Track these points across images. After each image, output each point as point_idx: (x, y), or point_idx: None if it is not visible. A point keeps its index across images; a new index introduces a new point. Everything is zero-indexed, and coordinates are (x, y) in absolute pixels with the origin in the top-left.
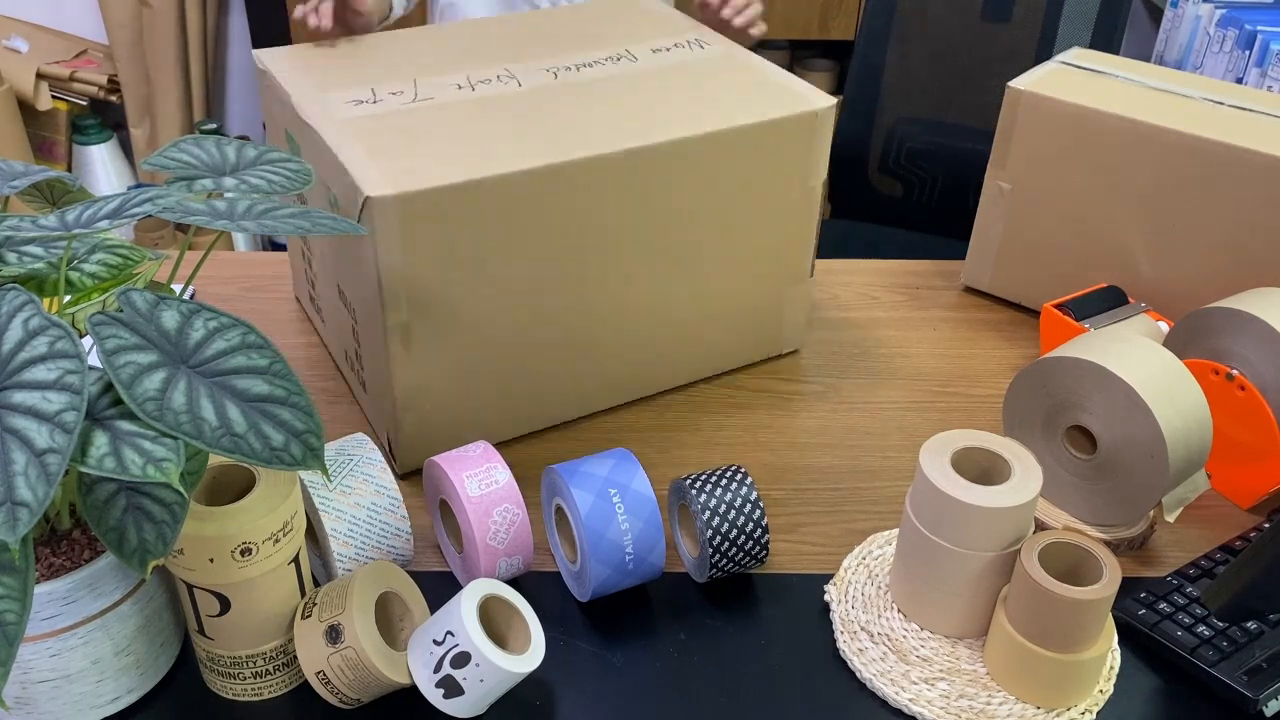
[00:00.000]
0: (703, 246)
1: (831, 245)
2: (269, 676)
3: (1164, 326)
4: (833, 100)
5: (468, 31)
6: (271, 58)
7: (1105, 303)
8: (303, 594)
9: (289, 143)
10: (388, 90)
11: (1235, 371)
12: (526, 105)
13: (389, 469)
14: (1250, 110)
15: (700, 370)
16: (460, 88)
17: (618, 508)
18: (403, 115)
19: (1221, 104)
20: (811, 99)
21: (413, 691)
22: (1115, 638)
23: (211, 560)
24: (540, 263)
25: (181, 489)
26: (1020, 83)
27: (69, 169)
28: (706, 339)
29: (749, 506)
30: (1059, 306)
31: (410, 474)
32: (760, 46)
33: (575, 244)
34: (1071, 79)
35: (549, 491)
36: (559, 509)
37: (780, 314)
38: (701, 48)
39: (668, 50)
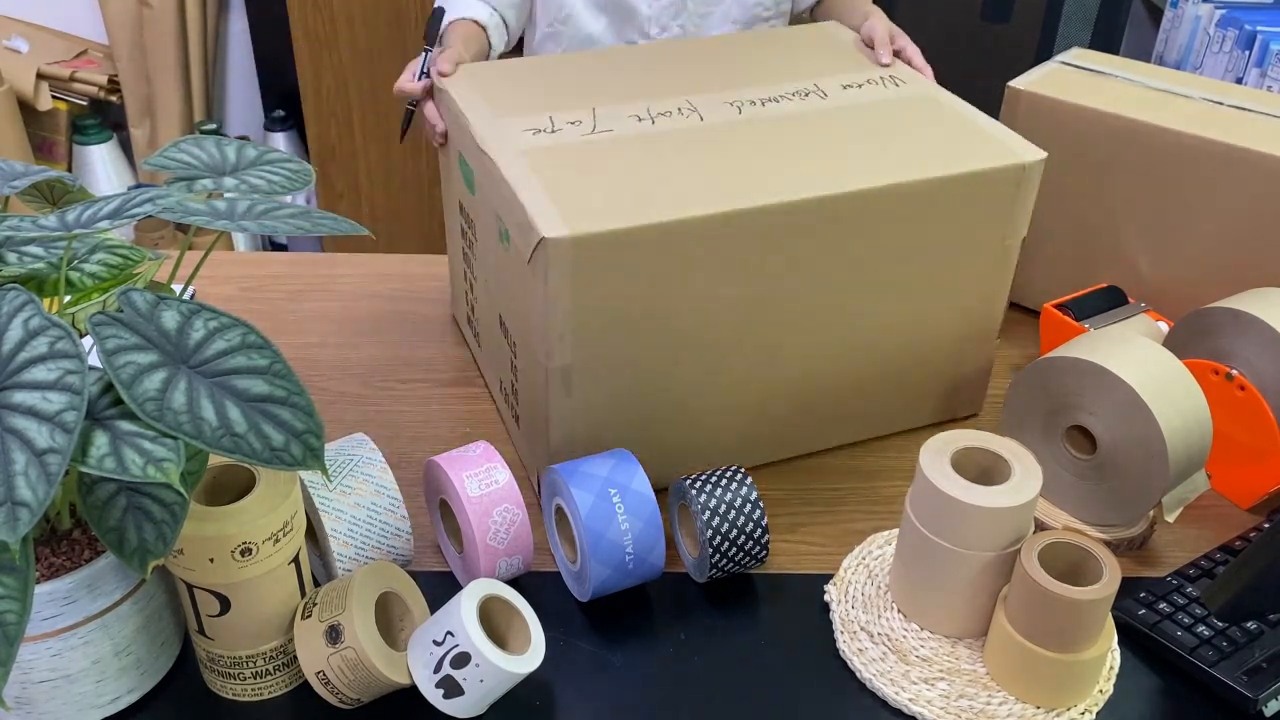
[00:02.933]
0: (886, 300)
1: None
2: (269, 676)
3: (1164, 326)
4: (1042, 154)
5: (644, 57)
6: (455, 84)
7: (1105, 303)
8: (303, 594)
9: (460, 166)
10: (566, 119)
11: (1235, 372)
12: (708, 142)
13: (389, 469)
14: (1250, 110)
15: (870, 430)
16: (640, 120)
17: (618, 508)
18: (581, 148)
19: (1221, 104)
20: (1019, 151)
21: (413, 691)
22: (1115, 638)
23: (211, 560)
24: (712, 311)
25: (182, 489)
26: (1020, 83)
27: (69, 169)
28: (881, 399)
29: (749, 506)
30: (1059, 306)
31: (410, 484)
32: None
33: (751, 293)
34: (1071, 79)
35: (549, 491)
36: (559, 509)
37: (959, 375)
38: (896, 85)
39: (859, 87)
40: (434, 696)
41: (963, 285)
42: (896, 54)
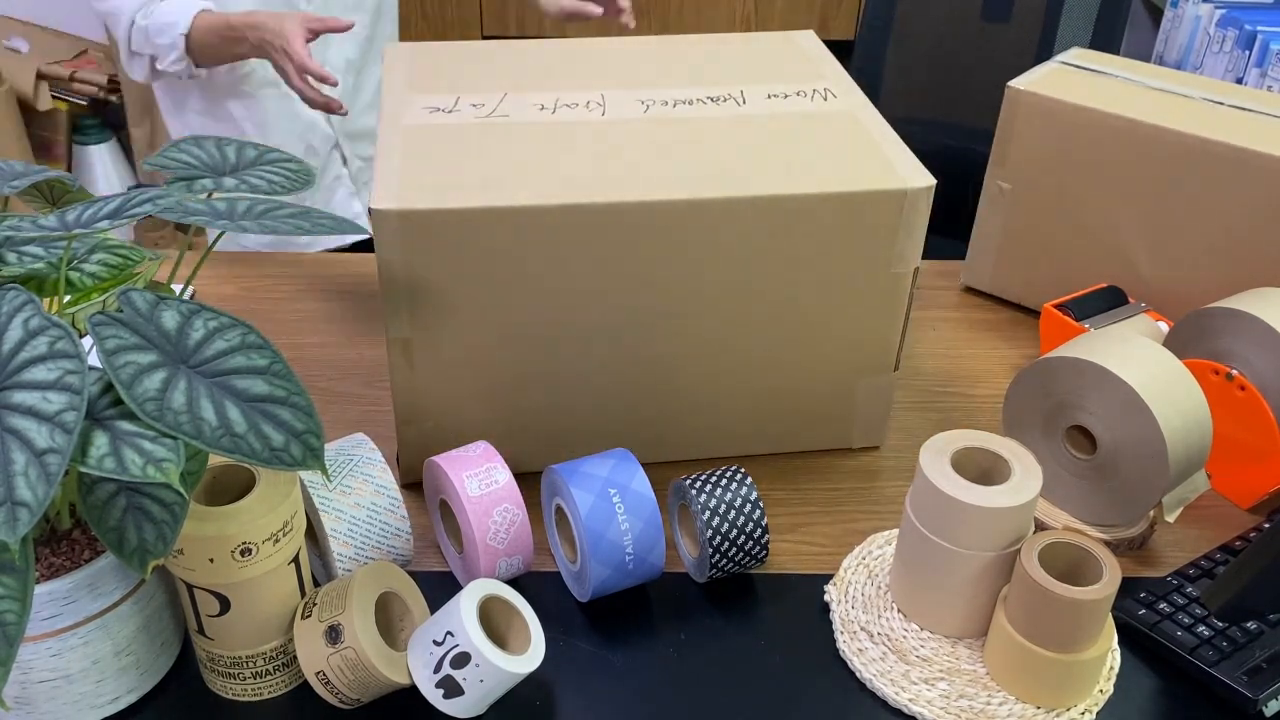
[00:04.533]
0: (763, 315)
1: None
2: (269, 676)
3: (1164, 326)
4: (930, 181)
5: (586, 51)
6: (396, 53)
7: (1105, 303)
8: (303, 594)
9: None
10: (470, 101)
11: (1235, 372)
12: (597, 137)
13: (389, 469)
14: (1250, 110)
15: (747, 447)
16: (542, 108)
17: (618, 508)
18: (464, 129)
19: (1221, 104)
20: (907, 176)
21: (412, 691)
22: (1115, 638)
23: (211, 560)
24: (562, 302)
25: (181, 489)
26: (1020, 83)
27: (69, 169)
28: (756, 416)
29: (749, 506)
30: (1059, 307)
31: (412, 485)
32: None
33: (603, 289)
34: (1071, 79)
35: (549, 491)
36: (559, 509)
37: (853, 405)
38: (824, 99)
39: (785, 97)
40: (434, 696)
41: (849, 312)
42: None
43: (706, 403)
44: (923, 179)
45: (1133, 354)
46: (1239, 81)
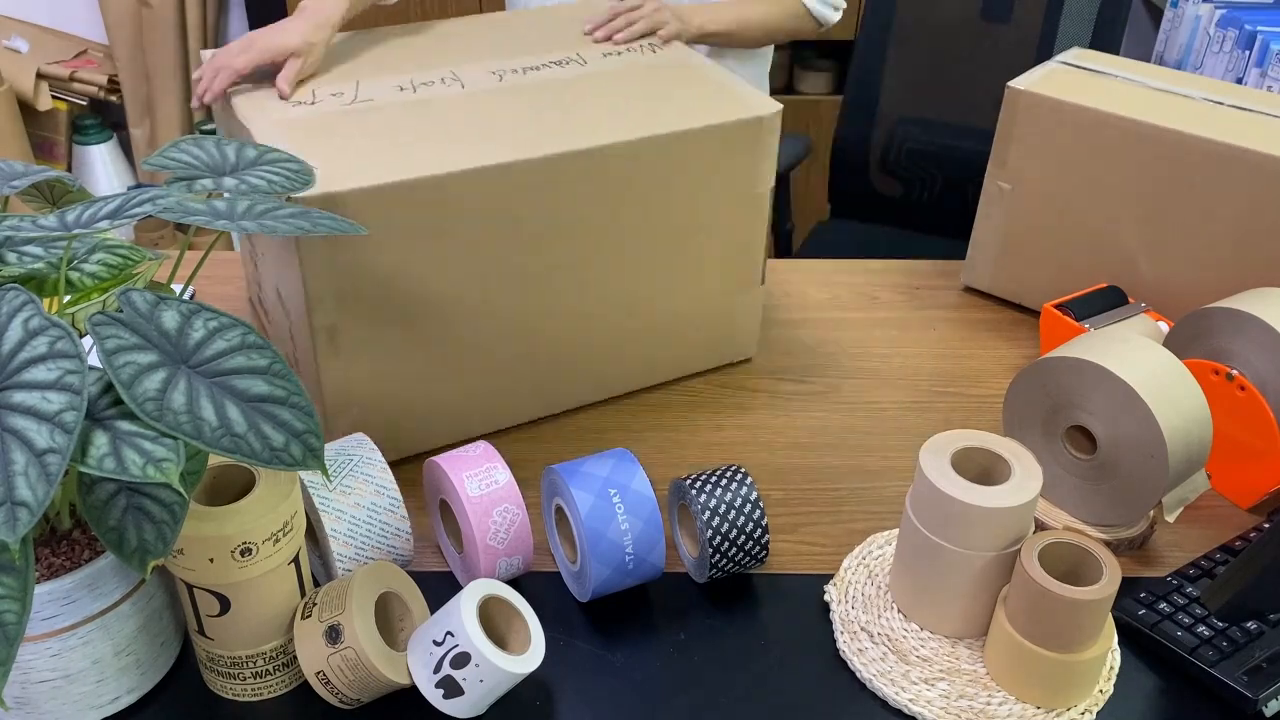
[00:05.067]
0: (646, 252)
1: (831, 245)
2: (269, 676)
3: (1164, 326)
4: (777, 107)
5: (421, 34)
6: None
7: (1105, 303)
8: (303, 594)
9: None
10: (328, 92)
11: (1235, 372)
12: (466, 108)
13: (389, 469)
14: (1250, 110)
15: (653, 375)
16: (402, 89)
17: (618, 508)
18: (338, 117)
19: (1221, 104)
20: (755, 105)
21: (412, 691)
22: (1115, 638)
23: (211, 560)
24: (476, 266)
25: (181, 489)
26: (1020, 83)
27: (69, 169)
28: (656, 344)
29: (749, 506)
30: (1059, 307)
31: (411, 484)
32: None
33: (512, 248)
34: (1071, 79)
35: (549, 491)
36: (559, 509)
37: (731, 321)
38: (654, 51)
39: (619, 55)
40: (434, 697)
41: (720, 234)
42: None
43: (600, 343)
44: (770, 106)
45: (1133, 354)
46: (1239, 81)
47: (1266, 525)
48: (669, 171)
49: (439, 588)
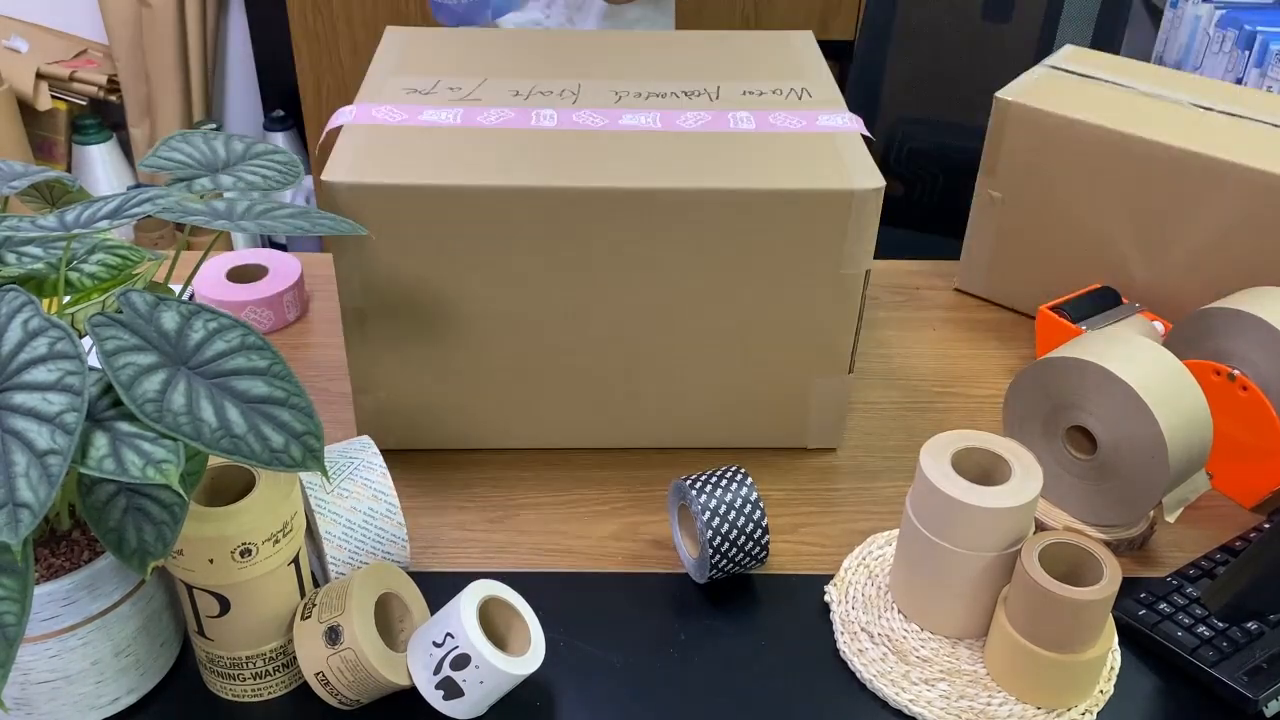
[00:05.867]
0: (705, 311)
1: None
2: (268, 677)
3: (1159, 326)
4: (879, 183)
5: (583, 40)
6: (394, 35)
7: (1100, 303)
8: (302, 595)
9: None
10: (449, 84)
11: (1237, 372)
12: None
13: (389, 474)
14: (1237, 116)
15: (700, 439)
16: (516, 94)
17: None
18: (436, 110)
19: (1210, 109)
20: (856, 177)
21: (412, 692)
22: (1115, 638)
23: (211, 561)
24: (515, 285)
25: (181, 490)
26: (1007, 93)
27: (69, 169)
28: (709, 409)
29: (749, 506)
30: (1054, 308)
31: (411, 484)
32: None
33: (557, 274)
34: (1059, 85)
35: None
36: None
37: (804, 404)
38: (800, 98)
39: (759, 95)
40: (434, 698)
41: (800, 311)
42: None
43: (658, 393)
44: (871, 180)
45: (1133, 354)
46: (1238, 81)
47: (1266, 525)
48: (747, 230)
49: (439, 588)
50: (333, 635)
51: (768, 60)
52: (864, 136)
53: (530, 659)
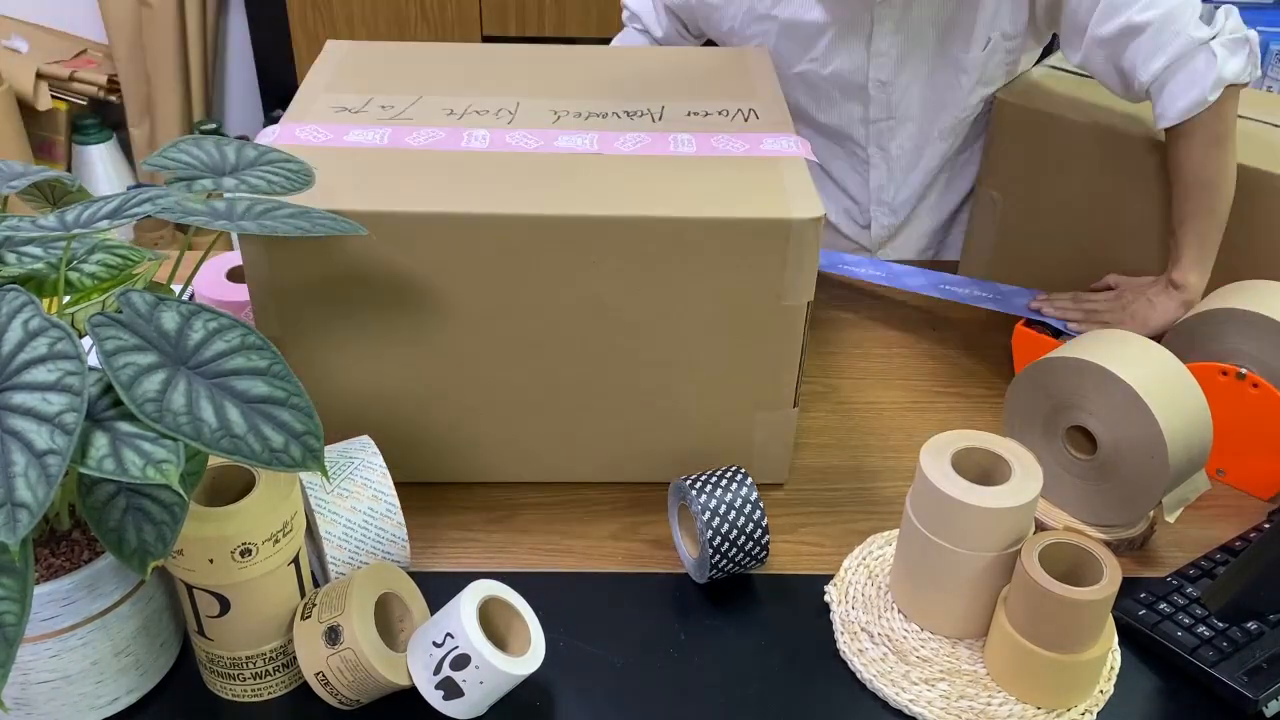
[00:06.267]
0: (640, 342)
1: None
2: (268, 677)
3: None
4: (816, 213)
5: (530, 56)
6: (333, 49)
7: None
8: (302, 595)
9: None
10: (382, 103)
11: (1245, 370)
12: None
13: (389, 474)
14: (1237, 116)
15: (642, 474)
16: (450, 113)
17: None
18: (364, 129)
19: None
20: (794, 206)
21: (412, 692)
22: (1115, 638)
23: (211, 561)
24: (439, 314)
25: (181, 490)
26: (1007, 93)
27: (69, 169)
28: (649, 443)
29: (749, 506)
30: (1029, 324)
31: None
32: None
33: (484, 304)
34: (1057, 86)
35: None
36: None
37: (748, 439)
38: (745, 119)
39: (704, 115)
40: (434, 698)
41: (741, 344)
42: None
43: (599, 426)
44: (811, 209)
45: (1133, 354)
46: None
47: (1267, 525)
48: (682, 259)
49: (439, 588)
50: (333, 635)
51: (718, 79)
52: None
53: (530, 659)
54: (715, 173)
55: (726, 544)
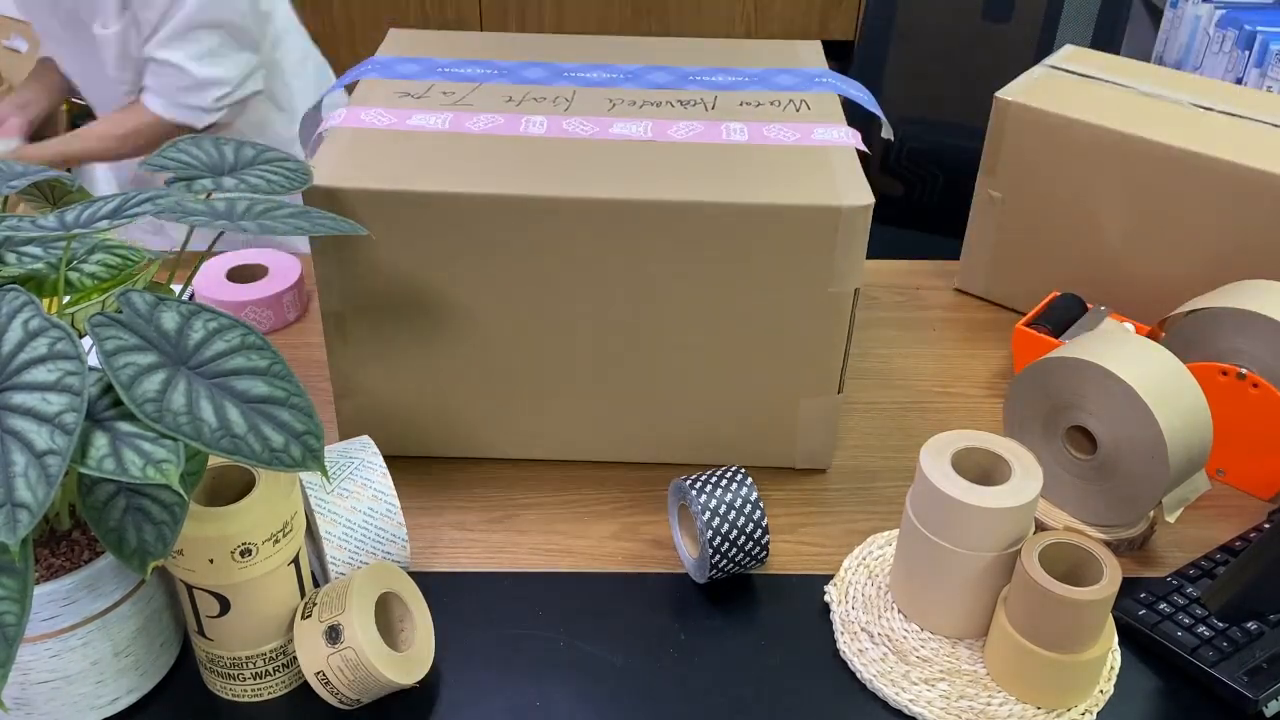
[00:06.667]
0: (688, 325)
1: None
2: (269, 677)
3: (1130, 327)
4: (868, 200)
5: (586, 45)
6: (397, 37)
7: (1069, 311)
8: (302, 594)
9: None
10: (442, 89)
11: (1245, 370)
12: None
13: (389, 474)
14: (1237, 116)
15: (686, 456)
16: (509, 100)
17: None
18: (427, 114)
19: (1210, 109)
20: (844, 193)
21: (412, 692)
22: (1115, 638)
23: (211, 561)
24: (497, 294)
25: (181, 490)
26: (1007, 93)
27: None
28: (695, 426)
29: (749, 507)
30: (1031, 324)
31: (412, 487)
32: None
33: (538, 285)
34: (1059, 86)
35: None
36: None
37: (793, 425)
38: (797, 110)
39: (756, 106)
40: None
41: (788, 330)
42: None
43: (643, 408)
44: (861, 197)
45: (1133, 354)
46: (1238, 81)
47: (1267, 525)
48: (731, 245)
49: (439, 588)
50: (333, 635)
51: (778, 69)
52: (859, 151)
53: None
54: (767, 160)
55: (726, 544)
